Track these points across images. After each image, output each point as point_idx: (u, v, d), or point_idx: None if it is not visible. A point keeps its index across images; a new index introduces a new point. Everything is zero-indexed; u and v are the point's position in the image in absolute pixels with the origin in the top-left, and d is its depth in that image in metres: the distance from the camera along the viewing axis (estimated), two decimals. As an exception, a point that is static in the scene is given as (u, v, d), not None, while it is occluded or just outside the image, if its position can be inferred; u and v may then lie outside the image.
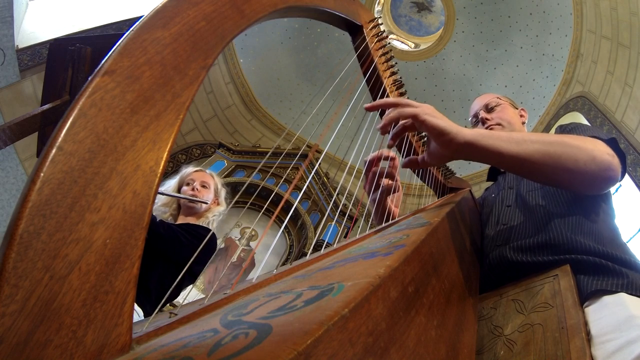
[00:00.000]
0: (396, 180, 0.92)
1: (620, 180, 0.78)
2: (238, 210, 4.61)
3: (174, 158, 5.91)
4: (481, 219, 0.99)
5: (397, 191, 0.93)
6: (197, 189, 1.74)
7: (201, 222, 1.68)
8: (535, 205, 0.79)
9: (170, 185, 1.81)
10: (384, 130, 0.69)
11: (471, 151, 0.65)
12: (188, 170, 1.85)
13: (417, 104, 0.68)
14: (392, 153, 0.89)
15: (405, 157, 0.95)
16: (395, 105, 0.68)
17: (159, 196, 1.73)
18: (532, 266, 0.68)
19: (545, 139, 0.67)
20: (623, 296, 0.56)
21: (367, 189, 0.89)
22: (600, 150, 0.68)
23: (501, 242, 0.77)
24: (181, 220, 1.71)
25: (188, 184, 1.77)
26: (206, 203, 1.72)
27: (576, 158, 0.65)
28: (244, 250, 5.23)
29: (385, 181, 0.87)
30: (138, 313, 1.32)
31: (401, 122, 0.69)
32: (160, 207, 1.76)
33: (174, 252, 1.44)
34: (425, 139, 0.70)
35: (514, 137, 0.67)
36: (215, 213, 1.75)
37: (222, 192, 1.86)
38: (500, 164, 0.68)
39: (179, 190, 1.76)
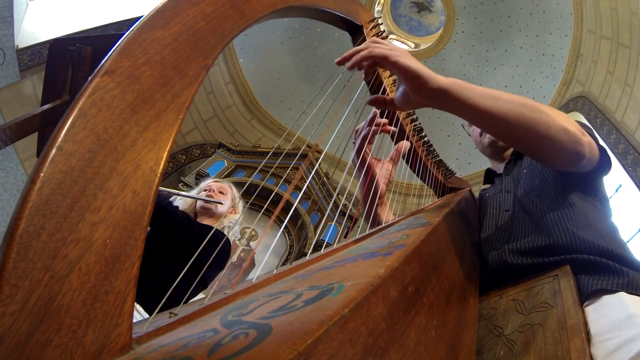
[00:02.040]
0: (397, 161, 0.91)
1: (607, 172, 0.78)
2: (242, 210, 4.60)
3: (174, 158, 5.90)
4: (479, 220, 0.99)
5: (385, 166, 0.91)
6: (213, 191, 1.80)
7: (216, 226, 1.70)
8: (532, 208, 0.79)
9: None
10: (347, 66, 0.65)
11: (443, 100, 0.62)
12: (207, 180, 1.93)
13: (390, 45, 0.65)
14: (384, 120, 0.87)
15: (395, 140, 0.94)
16: (367, 53, 0.64)
17: (176, 202, 1.76)
18: (532, 268, 0.67)
19: (522, 101, 0.66)
20: (623, 295, 0.56)
21: (353, 156, 0.88)
22: (572, 124, 0.67)
23: (500, 246, 0.77)
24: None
25: (206, 190, 1.83)
26: (221, 203, 1.76)
27: (549, 125, 0.64)
28: (244, 250, 5.23)
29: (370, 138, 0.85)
30: (140, 312, 1.32)
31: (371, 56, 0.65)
32: None
33: (186, 240, 1.44)
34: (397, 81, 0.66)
35: (490, 92, 0.64)
36: (231, 220, 1.79)
37: (241, 203, 1.92)
38: (472, 118, 0.66)
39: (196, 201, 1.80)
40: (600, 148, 0.73)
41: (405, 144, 0.91)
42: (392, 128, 0.89)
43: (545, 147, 0.66)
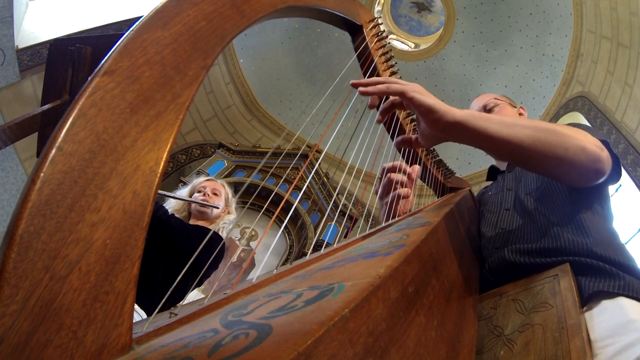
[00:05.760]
0: (412, 188, 0.94)
1: (616, 182, 0.78)
2: (238, 210, 4.61)
3: (174, 158, 5.90)
4: (479, 217, 0.99)
5: (408, 196, 0.93)
6: (208, 195, 1.78)
7: (211, 227, 1.69)
8: (533, 209, 0.79)
9: (181, 193, 1.84)
10: (373, 105, 0.68)
11: (460, 131, 0.62)
12: (200, 179, 1.90)
13: (406, 82, 0.66)
14: (409, 169, 0.91)
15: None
16: (383, 84, 0.66)
17: (169, 202, 1.76)
18: (532, 267, 0.68)
19: (537, 125, 0.66)
20: (622, 300, 0.56)
21: (379, 192, 0.90)
22: (590, 142, 0.67)
23: (500, 245, 0.77)
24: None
25: (200, 191, 1.80)
26: (217, 207, 1.75)
27: (566, 147, 0.64)
28: (244, 250, 5.23)
29: (400, 188, 0.88)
30: (139, 314, 1.32)
31: (390, 99, 0.67)
32: None
33: (181, 246, 1.44)
34: (415, 118, 0.69)
35: (505, 120, 0.65)
36: (225, 221, 1.78)
37: (233, 202, 1.90)
38: (490, 148, 0.66)
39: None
40: (614, 159, 0.73)
41: (417, 168, 0.92)
42: (417, 167, 0.92)
43: (565, 169, 0.67)
